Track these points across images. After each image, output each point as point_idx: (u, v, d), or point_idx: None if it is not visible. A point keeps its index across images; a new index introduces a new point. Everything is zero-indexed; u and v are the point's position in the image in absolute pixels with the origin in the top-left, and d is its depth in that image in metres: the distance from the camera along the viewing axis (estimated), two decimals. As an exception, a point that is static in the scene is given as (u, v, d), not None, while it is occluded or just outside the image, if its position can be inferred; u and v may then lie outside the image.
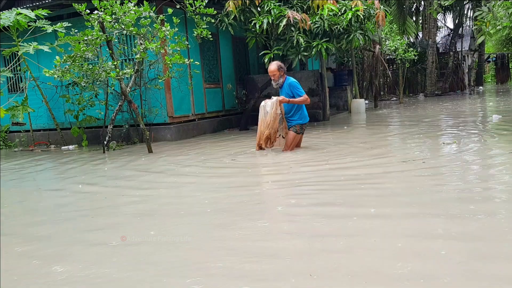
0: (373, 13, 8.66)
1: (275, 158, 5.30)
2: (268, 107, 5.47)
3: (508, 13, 7.36)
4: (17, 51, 7.79)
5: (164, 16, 6.97)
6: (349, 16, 7.99)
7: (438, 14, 22.55)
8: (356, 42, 8.35)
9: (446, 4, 11.78)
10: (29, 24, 7.62)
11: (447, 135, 6.41)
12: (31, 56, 8.47)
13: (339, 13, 8.13)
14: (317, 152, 5.59)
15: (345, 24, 8.06)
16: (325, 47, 8.13)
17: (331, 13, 8.06)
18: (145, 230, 2.86)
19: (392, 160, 4.77)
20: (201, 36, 7.51)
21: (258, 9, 8.24)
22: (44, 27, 7.60)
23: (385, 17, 8.93)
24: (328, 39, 8.28)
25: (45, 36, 8.14)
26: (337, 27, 8.12)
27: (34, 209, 3.85)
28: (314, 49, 8.14)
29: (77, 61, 7.02)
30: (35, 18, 7.56)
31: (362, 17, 8.18)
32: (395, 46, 16.00)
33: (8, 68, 8.41)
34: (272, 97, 5.59)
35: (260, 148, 5.71)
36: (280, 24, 7.93)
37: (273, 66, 5.59)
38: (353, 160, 4.84)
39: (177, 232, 2.77)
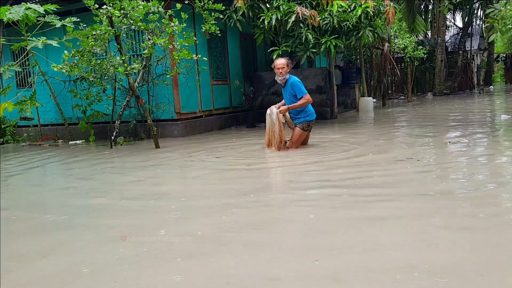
0: (383, 10, 8.57)
1: (280, 155, 5.28)
2: (274, 118, 5.47)
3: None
4: (26, 46, 7.80)
5: (172, 12, 6.95)
6: (359, 12, 7.92)
7: (447, 13, 22.34)
8: (366, 39, 8.28)
9: (457, 1, 11.65)
10: (38, 19, 7.63)
11: (454, 134, 6.33)
12: (40, 51, 8.48)
13: (349, 10, 8.06)
14: (317, 149, 5.56)
15: (355, 20, 7.99)
16: (334, 44, 8.07)
17: (340, 10, 7.98)
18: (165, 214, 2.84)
19: (388, 157, 4.72)
20: (209, 32, 7.47)
21: (267, 5, 8.19)
22: (52, 22, 7.60)
23: (395, 14, 8.84)
24: (337, 36, 8.21)
25: (54, 31, 8.15)
26: (346, 24, 8.05)
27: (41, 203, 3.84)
28: (323, 46, 8.08)
29: (85, 56, 7.01)
30: (44, 13, 7.57)
31: (371, 13, 8.10)
32: (404, 44, 15.87)
33: (17, 62, 8.43)
34: (273, 108, 5.57)
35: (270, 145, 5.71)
36: (289, 20, 7.87)
37: (283, 60, 5.59)
38: (349, 157, 4.83)
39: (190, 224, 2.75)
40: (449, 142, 5.47)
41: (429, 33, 24.85)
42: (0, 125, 9.56)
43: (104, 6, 6.45)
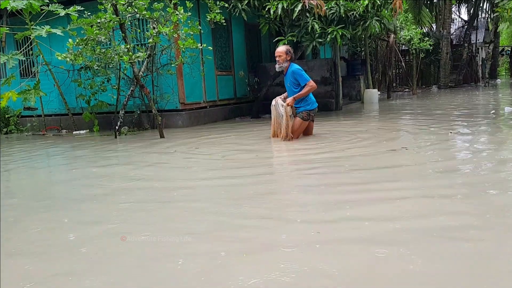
0: (390, 0, 8.47)
1: (281, 146, 5.24)
2: (281, 111, 5.42)
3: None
4: (30, 35, 7.74)
5: (177, 0, 6.87)
6: (366, 2, 7.82)
7: (452, 6, 22.11)
8: (372, 29, 8.18)
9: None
10: (41, 7, 7.56)
11: (457, 125, 6.26)
12: (44, 40, 8.43)
13: (355, -1, 7.97)
14: (319, 140, 5.52)
15: (362, 10, 7.89)
16: (340, 33, 7.98)
17: (347, -1, 7.91)
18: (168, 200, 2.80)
19: (386, 147, 4.68)
20: (214, 21, 7.40)
21: (273, -6, 8.10)
22: (57, 10, 7.53)
23: (402, 4, 8.73)
24: (343, 25, 8.11)
25: (58, 20, 8.08)
26: (353, 13, 7.96)
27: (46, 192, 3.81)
28: (329, 36, 7.99)
29: (89, 44, 6.95)
30: (47, 1, 7.50)
31: (379, 3, 8.00)
32: (410, 36, 15.72)
33: (21, 51, 8.38)
34: (278, 100, 5.53)
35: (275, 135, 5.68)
36: (295, 9, 7.78)
37: (282, 48, 5.52)
38: (344, 147, 4.81)
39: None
40: (451, 132, 5.41)
41: (434, 26, 24.63)
42: (4, 115, 9.53)
43: (109, -6, 6.38)
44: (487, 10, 23.35)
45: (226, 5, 7.98)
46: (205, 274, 1.80)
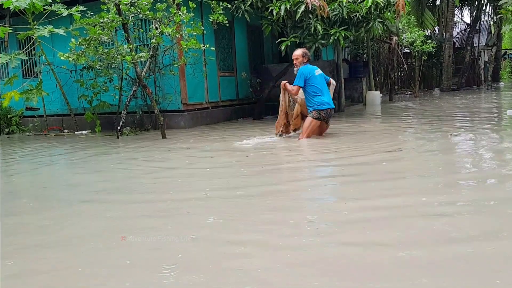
0: (393, 2, 8.45)
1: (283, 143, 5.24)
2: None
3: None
4: (32, 35, 7.73)
5: (180, 0, 6.87)
6: (369, 3, 7.80)
7: (455, 9, 22.09)
8: (375, 30, 8.16)
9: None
10: (44, 8, 7.55)
11: (457, 127, 6.23)
12: (46, 40, 8.41)
13: (358, 1, 7.95)
14: (313, 140, 5.53)
15: (364, 12, 7.87)
16: (343, 35, 7.96)
17: (350, 0, 7.88)
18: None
19: (378, 148, 4.68)
20: (217, 21, 7.40)
21: (276, -5, 8.08)
22: (59, 10, 7.52)
23: (405, 6, 8.71)
24: (346, 27, 8.09)
25: (60, 20, 8.04)
26: (356, 15, 7.94)
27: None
28: (331, 37, 7.97)
29: (92, 44, 6.95)
30: (50, 1, 7.49)
31: (382, 5, 7.98)
32: (412, 38, 15.70)
33: (23, 51, 8.36)
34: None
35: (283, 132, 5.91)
36: (298, 10, 7.77)
37: (299, 51, 5.71)
38: (344, 147, 4.82)
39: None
40: (451, 135, 5.39)
41: (437, 29, 24.60)
42: (6, 115, 9.53)
43: (112, -6, 6.38)
44: (489, 13, 23.35)
45: (229, 6, 7.97)
46: (215, 263, 1.83)
